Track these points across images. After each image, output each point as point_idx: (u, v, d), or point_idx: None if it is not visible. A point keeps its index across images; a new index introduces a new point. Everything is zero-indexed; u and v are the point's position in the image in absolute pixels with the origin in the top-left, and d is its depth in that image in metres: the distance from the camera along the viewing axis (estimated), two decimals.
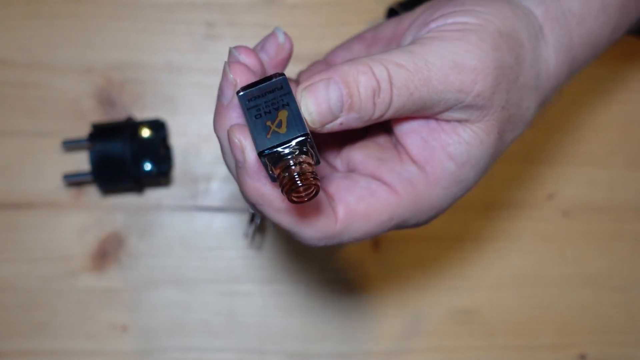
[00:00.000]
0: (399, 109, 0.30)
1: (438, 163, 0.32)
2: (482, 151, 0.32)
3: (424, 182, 0.32)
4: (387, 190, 0.32)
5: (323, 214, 0.30)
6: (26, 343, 0.47)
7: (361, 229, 0.31)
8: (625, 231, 0.51)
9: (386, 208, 0.32)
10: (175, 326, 0.48)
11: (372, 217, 0.31)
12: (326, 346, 0.48)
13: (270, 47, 0.33)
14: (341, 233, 0.31)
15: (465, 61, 0.30)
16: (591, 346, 0.50)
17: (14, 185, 0.47)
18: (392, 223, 0.32)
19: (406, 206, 0.32)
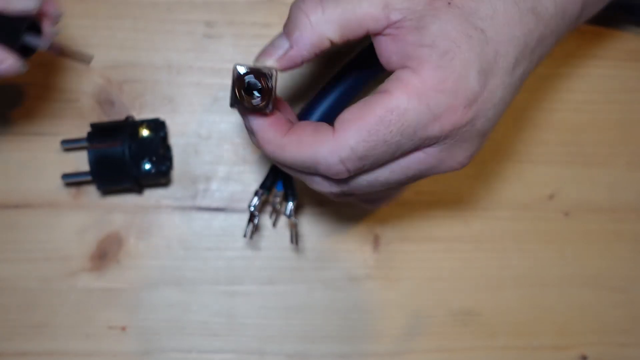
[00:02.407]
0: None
1: (416, 54, 0.32)
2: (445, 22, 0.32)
3: (411, 74, 0.32)
4: (377, 94, 0.32)
5: (317, 132, 0.33)
6: (25, 343, 0.47)
7: (361, 130, 0.31)
8: (626, 231, 0.51)
9: (378, 103, 0.32)
10: (175, 327, 0.48)
11: (365, 115, 0.32)
12: (326, 347, 0.48)
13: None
14: (341, 141, 0.32)
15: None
16: (592, 347, 0.50)
17: (13, 185, 0.47)
18: (395, 118, 0.31)
19: (402, 99, 0.32)
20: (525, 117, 0.51)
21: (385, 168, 0.34)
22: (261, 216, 0.48)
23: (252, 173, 0.49)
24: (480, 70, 0.32)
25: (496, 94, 0.33)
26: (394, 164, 0.34)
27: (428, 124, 0.32)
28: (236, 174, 0.49)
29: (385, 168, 0.34)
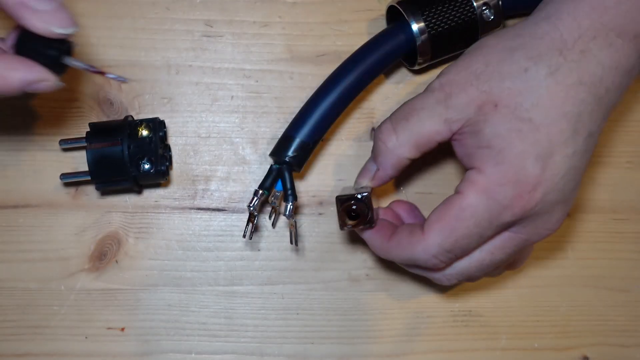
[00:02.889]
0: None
1: (477, 155, 0.38)
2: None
3: (476, 174, 0.38)
4: (453, 196, 0.39)
5: (412, 235, 0.40)
6: (24, 344, 0.47)
7: (444, 229, 0.38)
8: (627, 232, 0.51)
9: (453, 203, 0.38)
10: (174, 327, 0.47)
11: (445, 216, 0.38)
12: (326, 348, 0.48)
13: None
14: (429, 240, 0.38)
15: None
16: (593, 348, 0.50)
17: (12, 185, 0.47)
18: (468, 215, 0.37)
19: (472, 197, 0.38)
20: None
21: (477, 253, 0.40)
22: (260, 216, 0.48)
23: (251, 173, 0.49)
24: (536, 156, 0.36)
25: (560, 169, 0.37)
26: (484, 248, 0.39)
27: (500, 214, 0.37)
28: (235, 174, 0.49)
29: (477, 253, 0.40)
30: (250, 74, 0.49)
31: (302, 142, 0.44)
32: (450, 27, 0.45)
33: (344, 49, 0.49)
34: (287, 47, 0.49)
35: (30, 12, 0.33)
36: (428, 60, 0.46)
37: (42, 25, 0.34)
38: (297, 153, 0.44)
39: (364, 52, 0.45)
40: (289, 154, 0.44)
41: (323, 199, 0.49)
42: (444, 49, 0.46)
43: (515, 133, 0.37)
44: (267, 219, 0.48)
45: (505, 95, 0.37)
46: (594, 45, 0.37)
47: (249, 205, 0.43)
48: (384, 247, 0.42)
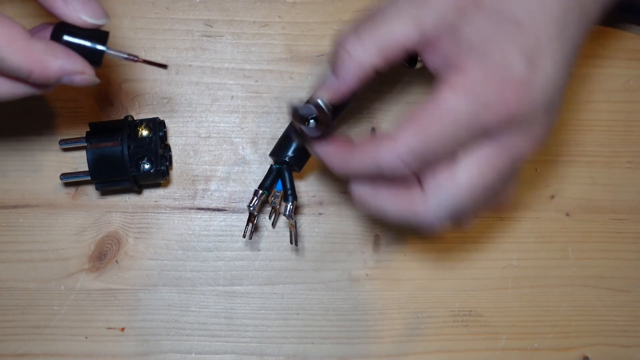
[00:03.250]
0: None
1: (459, 60, 0.34)
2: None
3: (456, 74, 0.34)
4: (428, 97, 0.34)
5: (378, 138, 0.34)
6: (24, 345, 0.47)
7: (417, 131, 0.33)
8: (627, 232, 0.51)
9: (429, 103, 0.34)
10: (174, 328, 0.47)
11: (419, 116, 0.34)
12: (326, 348, 0.48)
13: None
14: (399, 141, 0.34)
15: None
16: (593, 348, 0.50)
17: (11, 185, 0.47)
18: (445, 114, 0.33)
19: (451, 96, 0.33)
20: None
21: (464, 174, 0.35)
22: (260, 216, 0.48)
23: (251, 173, 0.49)
24: (523, 54, 0.33)
25: (548, 70, 0.34)
26: (470, 168, 0.35)
27: (481, 114, 0.33)
28: (235, 174, 0.49)
29: (464, 174, 0.35)
30: (250, 74, 0.49)
31: None
32: None
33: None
34: (287, 47, 0.49)
35: (63, 1, 0.33)
36: None
37: (75, 15, 0.33)
38: (297, 153, 0.44)
39: None
40: (289, 154, 0.43)
41: (323, 199, 0.49)
42: None
43: (500, 31, 0.33)
44: (267, 219, 0.48)
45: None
46: None
47: (249, 205, 0.43)
48: (344, 157, 0.37)
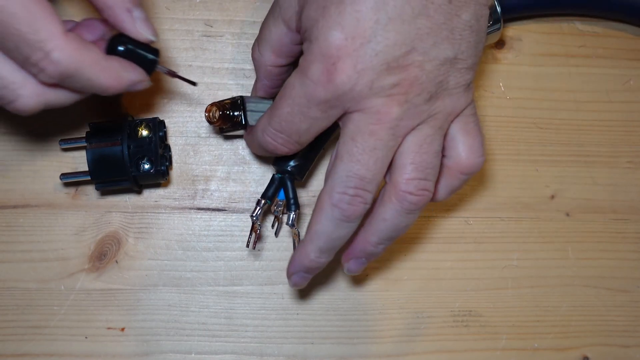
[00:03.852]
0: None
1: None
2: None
3: (300, 59, 0.38)
4: None
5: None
6: (23, 345, 0.47)
7: (271, 108, 0.39)
8: (628, 232, 0.51)
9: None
10: (174, 328, 0.47)
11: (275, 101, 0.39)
12: (326, 348, 0.48)
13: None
14: (260, 121, 0.41)
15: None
16: (594, 348, 0.50)
17: (11, 185, 0.47)
18: (287, 93, 0.38)
19: (295, 75, 0.37)
20: (527, 117, 0.51)
21: (340, 144, 0.38)
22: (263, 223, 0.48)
23: (251, 173, 0.49)
24: (339, 29, 0.35)
25: (368, 35, 0.35)
26: (342, 137, 0.38)
27: (314, 91, 0.36)
28: (235, 174, 0.49)
29: (340, 144, 0.38)
30: (250, 74, 0.49)
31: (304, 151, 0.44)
32: None
33: None
34: None
35: (132, 18, 0.36)
36: None
37: (140, 32, 0.37)
38: (299, 162, 0.44)
39: None
40: (291, 164, 0.44)
41: None
42: None
43: (320, 10, 0.36)
44: (269, 228, 0.48)
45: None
46: None
47: (252, 215, 0.43)
48: (248, 141, 0.44)
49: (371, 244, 0.40)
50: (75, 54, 0.34)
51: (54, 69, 0.34)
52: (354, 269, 0.42)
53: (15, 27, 0.32)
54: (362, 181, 0.37)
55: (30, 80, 0.35)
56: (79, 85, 0.36)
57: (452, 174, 0.40)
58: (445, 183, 0.40)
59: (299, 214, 0.45)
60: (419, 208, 0.38)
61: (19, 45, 0.33)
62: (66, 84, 0.35)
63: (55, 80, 0.35)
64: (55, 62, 0.33)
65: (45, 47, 0.33)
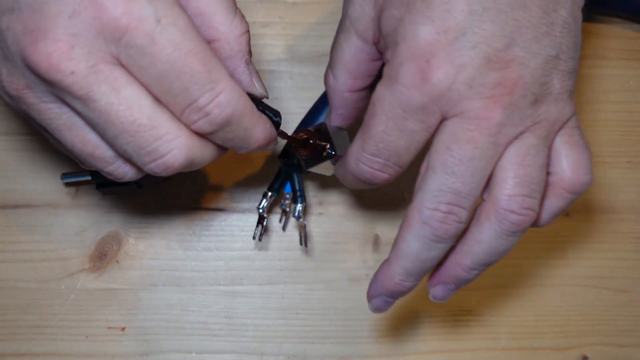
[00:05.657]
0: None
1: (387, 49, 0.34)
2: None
3: (384, 67, 0.34)
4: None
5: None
6: (24, 344, 0.47)
7: (362, 131, 0.35)
8: (627, 232, 0.51)
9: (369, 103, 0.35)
10: (174, 327, 0.47)
11: (365, 117, 0.35)
12: (326, 348, 0.48)
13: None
14: (353, 147, 0.35)
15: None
16: (593, 348, 0.50)
17: (12, 185, 0.47)
18: (379, 107, 0.33)
19: (378, 87, 0.33)
20: None
21: (434, 152, 0.33)
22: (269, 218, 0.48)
23: (252, 173, 0.49)
24: (429, 22, 0.31)
25: (461, 27, 0.31)
26: (437, 144, 0.33)
27: (409, 97, 0.32)
28: (236, 174, 0.49)
29: (434, 152, 0.33)
30: None
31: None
32: None
33: None
34: (287, 47, 0.49)
35: (249, 71, 0.34)
36: None
37: (257, 86, 0.34)
38: None
39: None
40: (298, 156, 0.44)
41: (323, 199, 0.49)
42: None
43: (404, 9, 0.32)
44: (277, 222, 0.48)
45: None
46: None
47: (258, 207, 0.44)
48: (340, 174, 0.39)
49: (463, 268, 0.35)
50: (240, 98, 0.31)
51: (219, 112, 0.30)
52: (441, 295, 0.37)
53: (190, 65, 0.29)
54: (457, 196, 0.33)
55: (184, 131, 0.31)
56: (233, 136, 0.32)
57: (556, 193, 0.35)
58: (549, 203, 0.35)
59: (306, 206, 0.45)
60: (521, 230, 0.33)
61: (187, 87, 0.30)
62: (222, 134, 0.32)
63: (214, 128, 0.31)
64: (222, 105, 0.30)
65: (216, 88, 0.30)
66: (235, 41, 0.33)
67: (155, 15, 0.28)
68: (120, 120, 0.30)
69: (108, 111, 0.29)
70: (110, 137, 0.30)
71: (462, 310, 0.49)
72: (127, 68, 0.29)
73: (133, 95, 0.30)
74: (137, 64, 0.29)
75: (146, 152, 0.31)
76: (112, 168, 0.33)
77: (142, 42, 0.28)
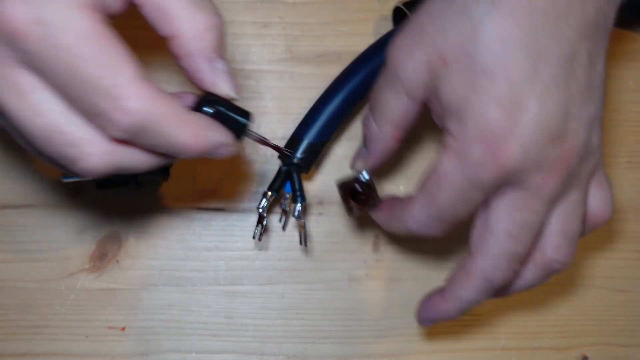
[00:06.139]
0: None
1: (444, 117, 0.35)
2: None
3: (447, 136, 0.35)
4: (434, 162, 0.36)
5: (404, 206, 0.38)
6: (24, 344, 0.47)
7: (425, 194, 0.36)
8: (627, 232, 0.51)
9: (432, 171, 0.36)
10: (174, 327, 0.47)
11: (425, 184, 0.36)
12: (326, 348, 0.48)
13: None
14: (415, 207, 0.37)
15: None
16: (593, 348, 0.50)
17: (12, 185, 0.47)
18: (443, 178, 0.35)
19: (445, 160, 0.35)
20: None
21: (494, 220, 0.36)
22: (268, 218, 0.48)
23: (251, 173, 0.49)
24: (499, 105, 0.33)
25: (533, 111, 0.33)
26: (497, 212, 0.35)
27: (477, 174, 0.34)
28: (236, 174, 0.49)
29: (494, 220, 0.36)
30: (250, 74, 0.49)
31: (310, 143, 0.44)
32: None
33: (344, 49, 0.49)
34: (287, 47, 0.49)
35: (212, 69, 0.32)
36: None
37: (219, 85, 0.33)
38: (305, 155, 0.44)
39: (370, 53, 0.45)
40: (297, 156, 0.44)
41: (323, 199, 0.49)
42: None
43: (470, 86, 0.33)
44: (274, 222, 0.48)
45: (451, 47, 0.34)
46: None
47: (258, 207, 0.44)
48: (386, 221, 0.41)
49: (502, 296, 0.40)
50: (153, 103, 0.29)
51: (127, 120, 0.29)
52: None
53: (84, 70, 0.28)
54: (519, 257, 0.36)
55: (99, 136, 0.30)
56: (154, 142, 0.30)
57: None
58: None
59: (306, 206, 0.45)
60: (560, 272, 0.38)
61: (88, 92, 0.28)
62: (140, 140, 0.30)
63: (127, 135, 0.30)
64: (129, 112, 0.29)
65: (119, 94, 0.28)
66: (195, 38, 0.31)
67: (49, 19, 0.27)
68: (31, 126, 0.29)
69: (18, 117, 0.29)
70: (30, 142, 0.30)
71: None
72: (37, 73, 0.29)
73: (41, 101, 0.29)
74: (41, 69, 0.28)
75: (62, 157, 0.30)
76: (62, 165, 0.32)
77: (37, 47, 0.28)
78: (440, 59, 0.34)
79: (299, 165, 0.44)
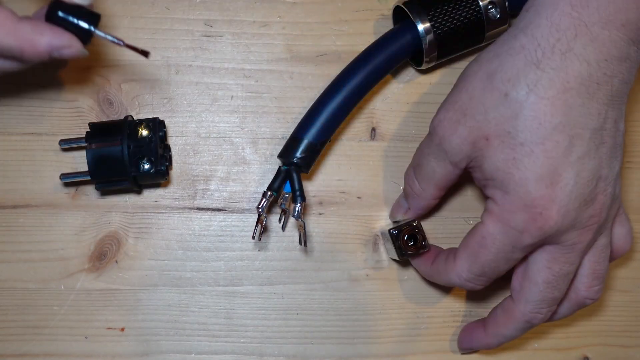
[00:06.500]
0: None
1: (487, 187, 0.40)
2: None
3: (492, 203, 0.40)
4: (476, 224, 0.41)
5: (447, 261, 0.43)
6: (23, 345, 0.47)
7: (469, 256, 0.41)
8: None
9: (475, 232, 0.41)
10: (174, 328, 0.47)
11: (469, 244, 0.41)
12: (326, 348, 0.48)
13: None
14: (459, 267, 0.41)
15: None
16: (594, 348, 0.50)
17: (11, 185, 0.47)
18: (489, 242, 0.40)
19: (490, 225, 0.40)
20: None
21: (533, 271, 0.41)
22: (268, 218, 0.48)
23: (251, 173, 0.49)
24: (538, 178, 0.37)
25: (569, 181, 0.37)
26: (536, 265, 0.40)
27: (519, 238, 0.38)
28: (235, 174, 0.49)
29: (533, 271, 0.41)
30: (250, 74, 0.49)
31: (310, 143, 0.44)
32: (456, 26, 0.45)
33: (344, 49, 0.49)
34: (287, 47, 0.49)
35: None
36: (434, 59, 0.46)
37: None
38: (305, 154, 0.44)
39: (370, 52, 0.45)
40: (297, 156, 0.44)
41: (323, 199, 0.49)
42: (451, 48, 0.46)
43: (511, 162, 0.38)
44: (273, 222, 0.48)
45: (493, 127, 0.38)
46: (576, 44, 0.37)
47: (258, 206, 0.43)
48: (428, 272, 0.45)
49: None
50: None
51: None
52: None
53: None
54: (556, 301, 0.41)
55: None
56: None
57: None
58: None
59: (305, 206, 0.45)
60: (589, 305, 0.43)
61: None
62: None
63: None
64: None
65: None
66: None
67: None
68: None
69: None
70: None
71: (462, 310, 0.49)
72: None
73: None
74: None
75: None
76: None
77: None
78: (483, 136, 0.39)
79: (298, 165, 0.44)
